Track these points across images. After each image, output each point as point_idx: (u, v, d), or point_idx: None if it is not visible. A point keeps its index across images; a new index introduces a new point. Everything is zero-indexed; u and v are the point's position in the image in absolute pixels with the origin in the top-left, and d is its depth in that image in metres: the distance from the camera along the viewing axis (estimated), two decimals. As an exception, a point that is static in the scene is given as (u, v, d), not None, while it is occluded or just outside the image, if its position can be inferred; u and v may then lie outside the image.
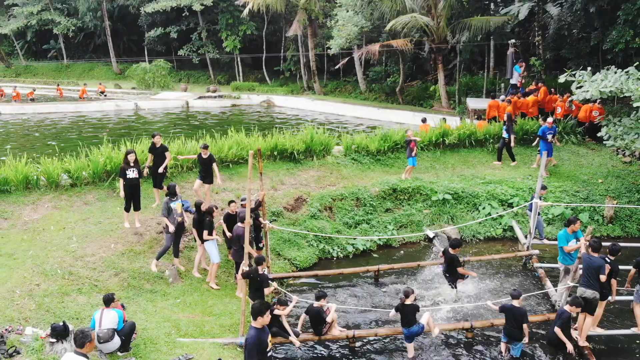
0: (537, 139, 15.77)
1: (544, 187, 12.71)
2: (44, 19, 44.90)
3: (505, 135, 16.08)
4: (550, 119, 15.57)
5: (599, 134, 14.47)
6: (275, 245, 12.18)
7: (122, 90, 36.38)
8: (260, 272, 8.81)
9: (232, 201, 10.73)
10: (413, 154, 14.80)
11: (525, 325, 8.61)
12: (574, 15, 22.81)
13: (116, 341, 7.87)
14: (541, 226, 12.62)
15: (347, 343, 9.13)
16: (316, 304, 9.04)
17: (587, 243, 8.76)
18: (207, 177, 12.03)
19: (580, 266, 8.81)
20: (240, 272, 8.83)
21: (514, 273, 11.88)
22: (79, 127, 24.96)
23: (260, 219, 10.74)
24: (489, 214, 14.17)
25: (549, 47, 24.68)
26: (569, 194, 14.63)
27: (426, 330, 8.97)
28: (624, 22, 19.56)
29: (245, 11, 31.87)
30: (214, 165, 11.98)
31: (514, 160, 16.45)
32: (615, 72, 13.80)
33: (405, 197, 14.57)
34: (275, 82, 39.63)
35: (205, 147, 11.96)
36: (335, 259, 12.69)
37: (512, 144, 16.03)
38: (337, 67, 32.51)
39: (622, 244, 10.44)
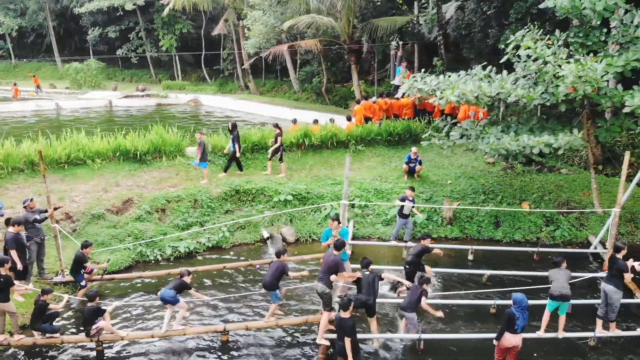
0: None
1: (412, 189, 12.85)
2: (-11, 19, 44.78)
3: (231, 146, 15.37)
4: (414, 149, 15.06)
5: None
6: (87, 248, 12.09)
7: (55, 90, 36.23)
8: (4, 273, 8.76)
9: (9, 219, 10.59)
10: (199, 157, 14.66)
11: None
12: (472, 15, 22.78)
13: None
14: (408, 228, 12.82)
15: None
16: (90, 304, 9.03)
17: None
18: None
19: None
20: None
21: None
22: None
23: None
24: (328, 214, 14.17)
25: (456, 47, 24.66)
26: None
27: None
28: (516, 20, 19.57)
29: (165, 11, 31.75)
30: None
31: (241, 169, 15.67)
32: (459, 75, 13.89)
33: (249, 199, 14.54)
34: (216, 81, 39.55)
35: None
36: (153, 261, 12.61)
37: (238, 154, 15.37)
38: (243, 67, 32.46)
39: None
